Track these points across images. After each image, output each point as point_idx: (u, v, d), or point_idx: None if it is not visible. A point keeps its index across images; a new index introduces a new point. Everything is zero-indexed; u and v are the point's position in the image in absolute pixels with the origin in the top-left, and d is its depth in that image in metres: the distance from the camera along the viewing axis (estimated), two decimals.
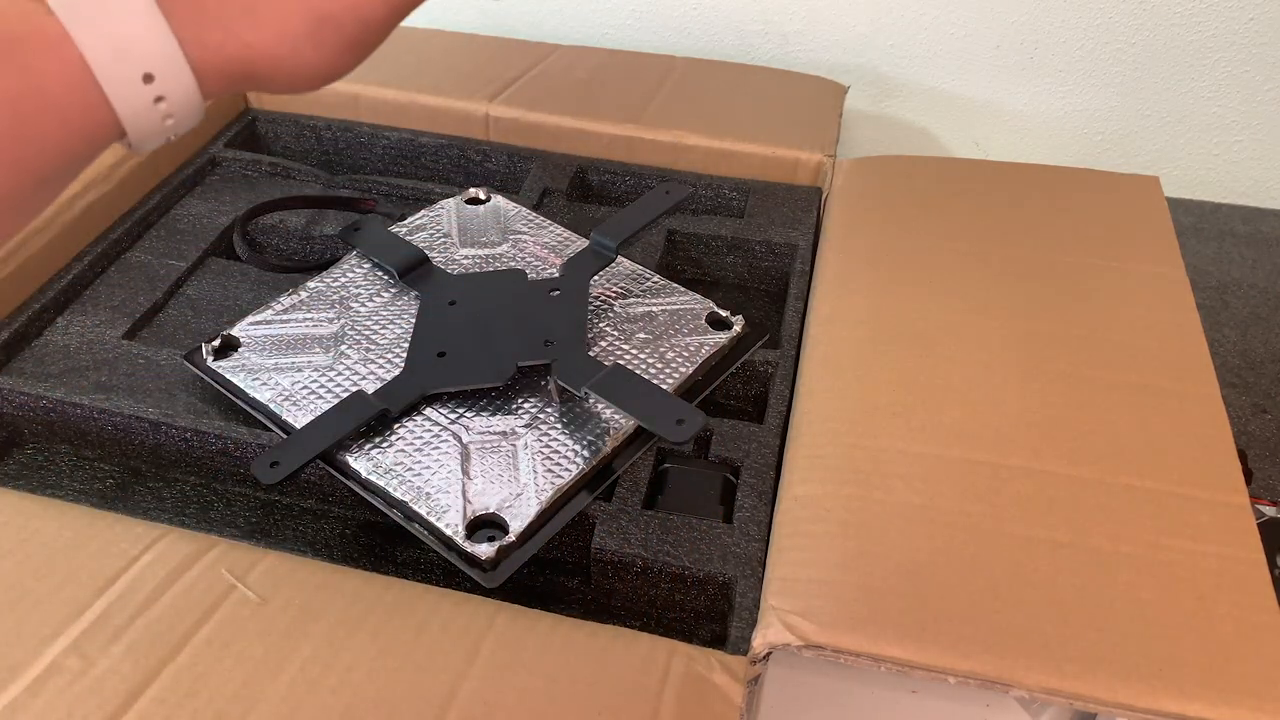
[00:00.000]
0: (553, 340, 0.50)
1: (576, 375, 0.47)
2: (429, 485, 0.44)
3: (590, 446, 0.46)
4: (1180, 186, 0.85)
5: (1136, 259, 0.58)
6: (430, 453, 0.46)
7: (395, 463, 0.45)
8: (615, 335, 0.52)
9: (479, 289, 0.55)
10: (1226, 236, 0.79)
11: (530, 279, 0.55)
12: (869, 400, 0.48)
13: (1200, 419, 0.47)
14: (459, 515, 0.43)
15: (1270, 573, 0.40)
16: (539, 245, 0.59)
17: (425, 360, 0.50)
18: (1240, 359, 0.67)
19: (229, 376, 0.50)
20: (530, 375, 0.50)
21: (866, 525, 0.42)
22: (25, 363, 0.52)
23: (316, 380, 0.50)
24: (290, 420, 0.48)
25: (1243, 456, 0.46)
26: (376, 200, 0.66)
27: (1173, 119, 0.83)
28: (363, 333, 0.53)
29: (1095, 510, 0.43)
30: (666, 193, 0.59)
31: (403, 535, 0.44)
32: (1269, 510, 0.53)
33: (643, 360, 0.51)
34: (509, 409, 0.48)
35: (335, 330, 0.53)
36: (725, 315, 0.54)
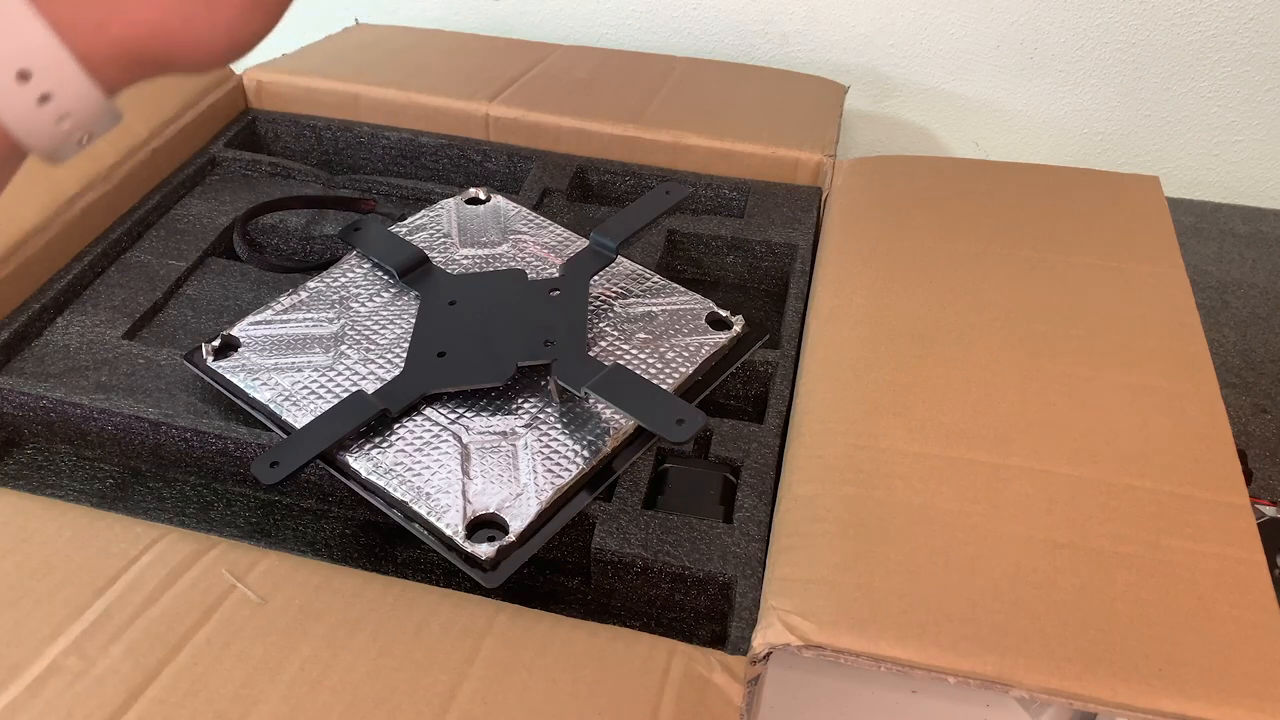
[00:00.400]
0: (553, 340, 0.50)
1: (576, 375, 0.47)
2: (429, 485, 0.44)
3: (590, 446, 0.46)
4: (1180, 186, 0.85)
5: (1136, 259, 0.58)
6: (430, 453, 0.46)
7: (395, 463, 0.45)
8: (615, 335, 0.52)
9: (479, 289, 0.55)
10: (1226, 236, 0.79)
11: (530, 279, 0.55)
12: (869, 400, 0.48)
13: (1200, 419, 0.47)
14: (459, 515, 0.43)
15: (1270, 573, 0.40)
16: (539, 245, 0.59)
17: (425, 360, 0.50)
18: (1240, 359, 0.67)
19: (229, 376, 0.50)
20: (530, 375, 0.50)
21: (866, 525, 0.42)
22: (25, 363, 0.52)
23: (316, 380, 0.50)
24: (290, 420, 0.48)
25: (1243, 456, 0.46)
26: (376, 200, 0.66)
27: (1173, 119, 0.83)
28: (363, 333, 0.53)
29: (1095, 510, 0.43)
30: (666, 193, 0.59)
31: (403, 535, 0.44)
32: (1269, 510, 0.53)
33: (643, 360, 0.51)
34: (509, 409, 0.48)
35: (335, 330, 0.53)
36: (725, 315, 0.54)
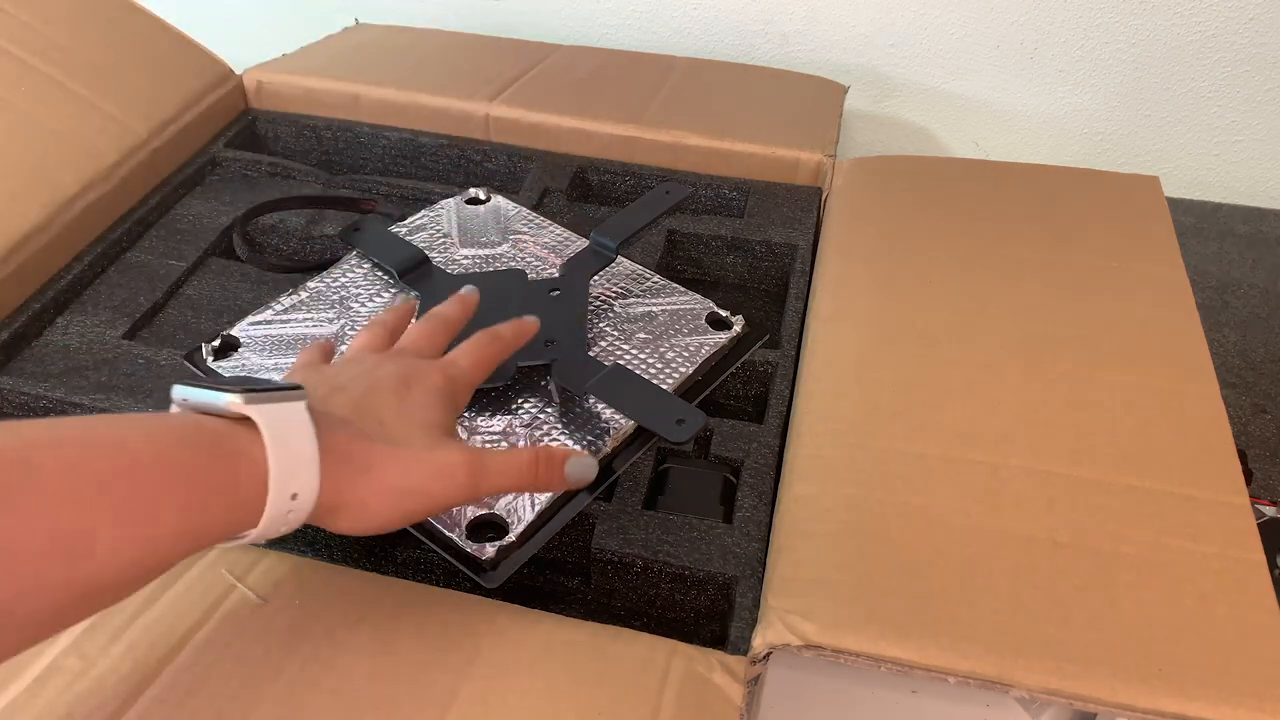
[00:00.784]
0: (553, 340, 0.50)
1: (576, 375, 0.47)
2: None
3: (590, 446, 0.46)
4: (1180, 186, 0.85)
5: (1136, 259, 0.58)
6: None
7: None
8: (615, 335, 0.52)
9: (479, 289, 0.55)
10: (1226, 236, 0.79)
11: (530, 279, 0.55)
12: (869, 400, 0.48)
13: (1200, 419, 0.47)
14: (459, 516, 0.43)
15: (1270, 573, 0.40)
16: (539, 245, 0.59)
17: None
18: (1240, 359, 0.67)
19: (229, 377, 0.50)
20: (530, 375, 0.50)
21: (866, 525, 0.42)
22: (25, 363, 0.52)
23: None
24: None
25: (1243, 456, 0.46)
26: (376, 200, 0.66)
27: (1173, 119, 0.83)
28: None
29: (1095, 510, 0.43)
30: (666, 193, 0.59)
31: (403, 535, 0.44)
32: (1269, 510, 0.53)
33: (643, 360, 0.51)
34: (509, 409, 0.48)
35: (335, 330, 0.53)
36: (725, 315, 0.54)
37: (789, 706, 0.46)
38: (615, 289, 0.56)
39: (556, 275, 0.56)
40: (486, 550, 0.42)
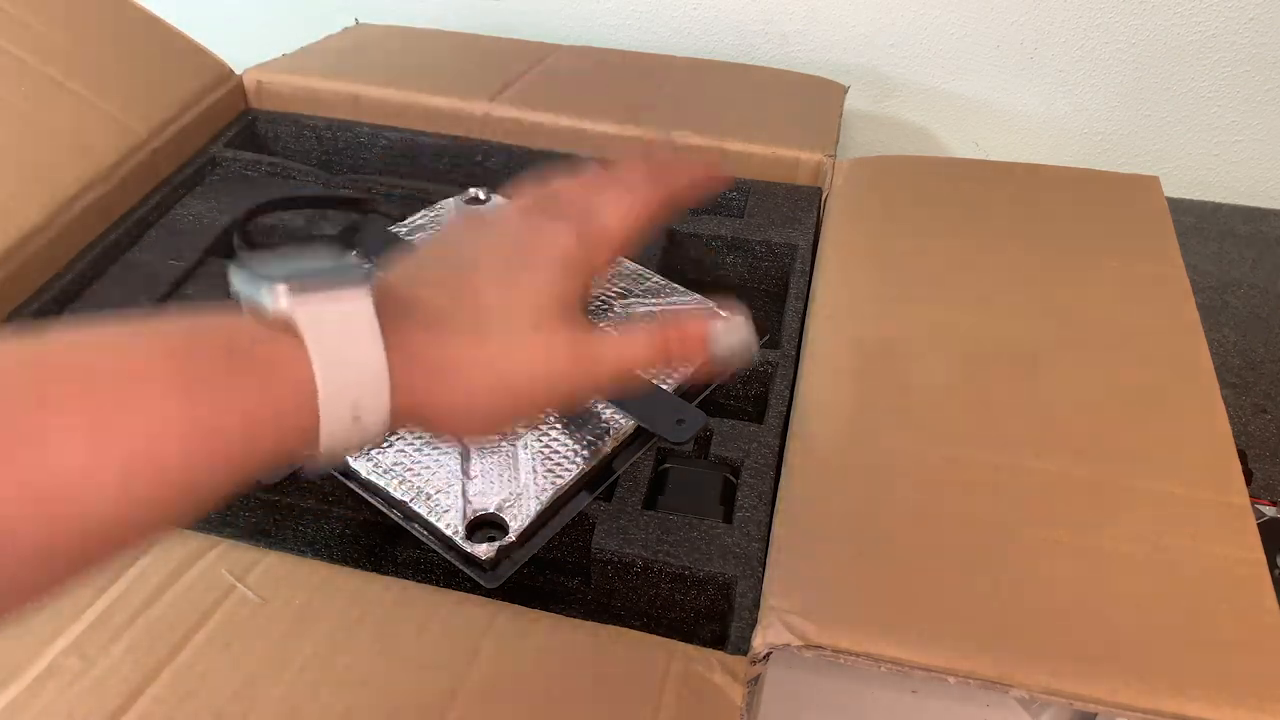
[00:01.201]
0: None
1: None
2: (429, 485, 0.44)
3: (590, 446, 0.46)
4: (1180, 186, 0.85)
5: (1136, 259, 0.58)
6: (430, 453, 0.46)
7: (395, 463, 0.45)
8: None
9: None
10: (1226, 236, 0.79)
11: None
12: (869, 400, 0.48)
13: (1200, 419, 0.47)
14: (459, 515, 0.43)
15: (1270, 573, 0.40)
16: None
17: None
18: (1240, 359, 0.67)
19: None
20: None
21: (866, 525, 0.42)
22: None
23: None
24: None
25: (1243, 456, 0.46)
26: (376, 200, 0.66)
27: (1173, 119, 0.83)
28: None
29: (1095, 510, 0.43)
30: None
31: (403, 535, 0.44)
32: (1269, 510, 0.53)
33: None
34: None
35: None
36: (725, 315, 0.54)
37: (789, 706, 0.46)
38: (615, 289, 0.56)
39: None
40: (486, 550, 0.42)
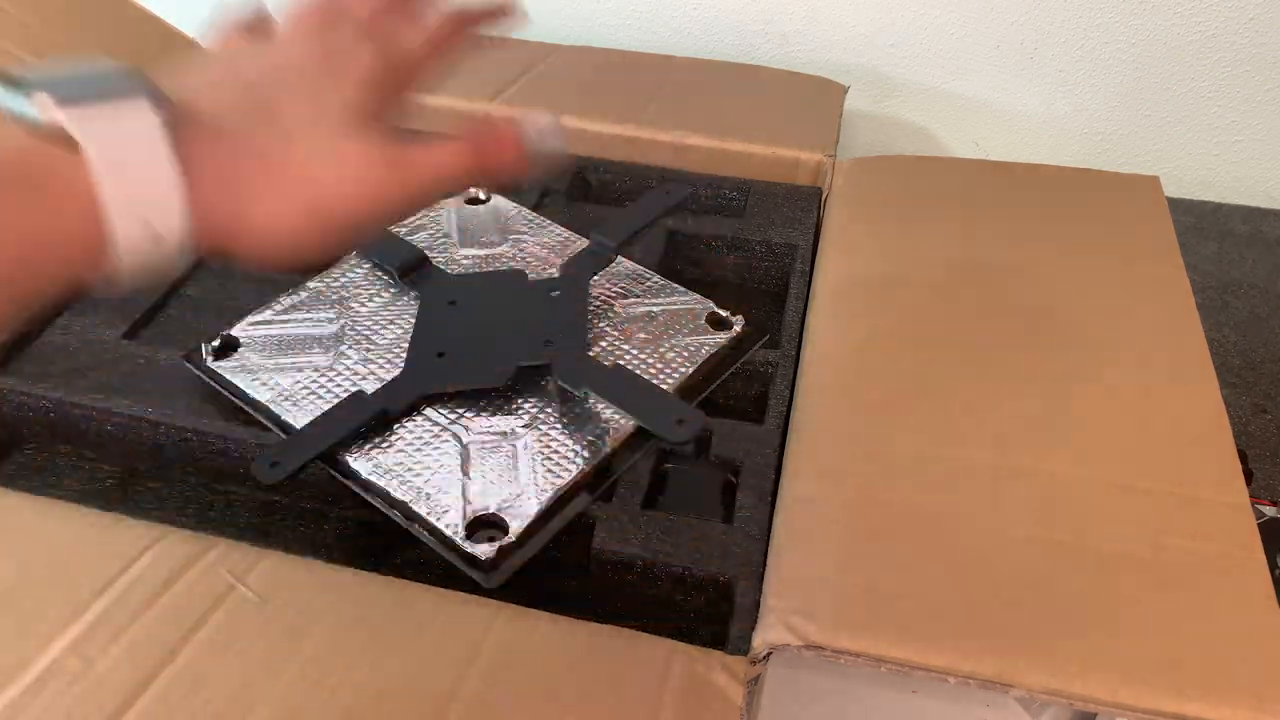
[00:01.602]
0: (553, 340, 0.50)
1: (576, 375, 0.47)
2: (429, 485, 0.44)
3: (590, 446, 0.46)
4: (1180, 186, 0.85)
5: (1136, 259, 0.58)
6: (430, 453, 0.46)
7: (395, 463, 0.45)
8: (615, 335, 0.52)
9: (479, 289, 0.55)
10: (1226, 236, 0.79)
11: (530, 279, 0.55)
12: (869, 400, 0.48)
13: (1200, 419, 0.47)
14: (459, 515, 0.43)
15: (1270, 573, 0.40)
16: (539, 245, 0.59)
17: (425, 360, 0.50)
18: (1240, 359, 0.67)
19: (229, 377, 0.50)
20: (530, 375, 0.50)
21: (866, 525, 0.42)
22: (25, 363, 0.52)
23: (316, 380, 0.50)
24: (290, 420, 0.48)
25: (1243, 456, 0.46)
26: None
27: (1173, 119, 0.83)
28: (362, 333, 0.53)
29: (1095, 510, 0.43)
30: (666, 193, 0.59)
31: (403, 535, 0.44)
32: (1269, 510, 0.53)
33: (643, 360, 0.51)
34: (509, 409, 0.48)
35: (335, 330, 0.53)
36: (725, 315, 0.54)
37: (789, 706, 0.46)
38: (615, 289, 0.56)
39: (556, 275, 0.56)
40: (486, 550, 0.42)
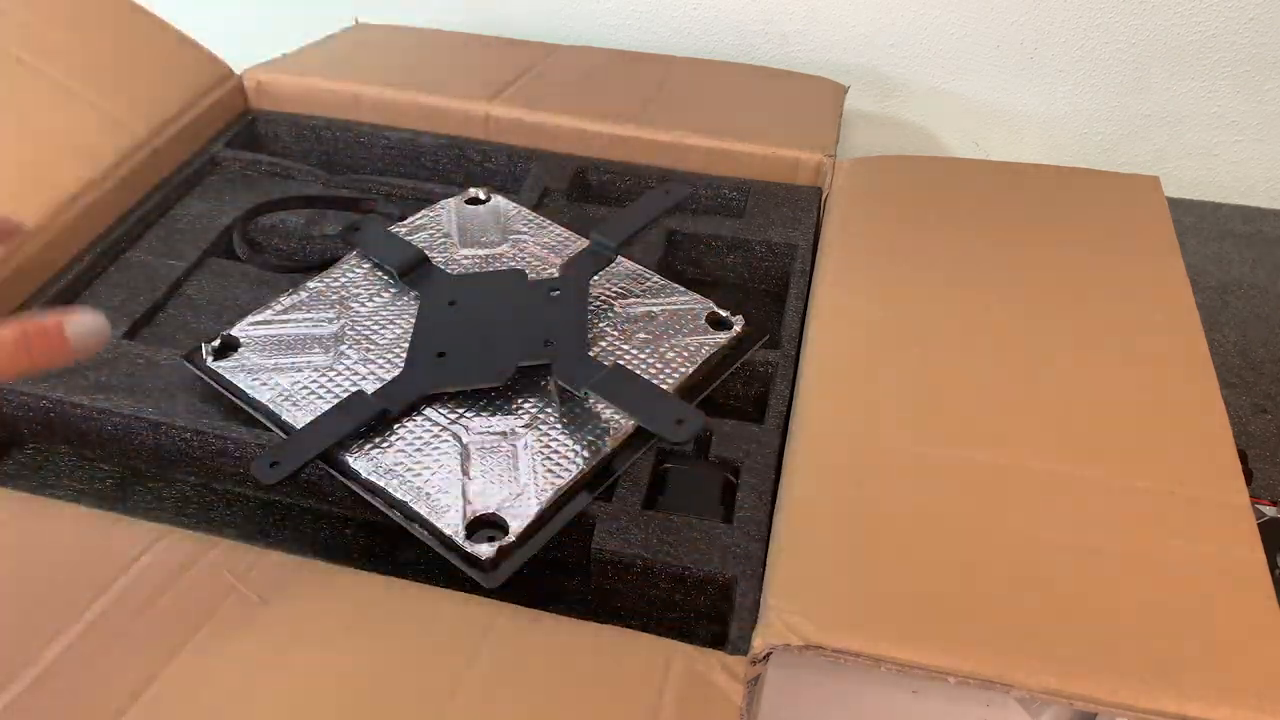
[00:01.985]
0: (553, 340, 0.50)
1: (576, 375, 0.47)
2: (429, 485, 0.44)
3: (590, 446, 0.46)
4: (1180, 186, 0.85)
5: (1136, 259, 0.58)
6: (430, 453, 0.46)
7: (395, 463, 0.45)
8: (615, 335, 0.52)
9: (479, 289, 0.55)
10: (1226, 236, 0.79)
11: (530, 279, 0.55)
12: (869, 400, 0.48)
13: (1200, 419, 0.47)
14: (459, 515, 0.43)
15: (1270, 573, 0.40)
16: (539, 245, 0.59)
17: (425, 360, 0.50)
18: (1240, 359, 0.67)
19: (229, 377, 0.50)
20: (530, 375, 0.50)
21: (866, 525, 0.42)
22: None
23: (316, 380, 0.50)
24: (290, 420, 0.48)
25: (1243, 456, 0.46)
26: (376, 200, 0.66)
27: (1173, 119, 0.83)
28: (363, 333, 0.53)
29: (1095, 510, 0.43)
30: (666, 193, 0.59)
31: (403, 535, 0.44)
32: (1269, 510, 0.53)
33: (643, 360, 0.51)
34: (509, 409, 0.48)
35: (335, 330, 0.53)
36: (725, 315, 0.54)
37: (789, 706, 0.46)
38: (615, 289, 0.56)
39: (556, 275, 0.56)
40: (486, 550, 0.42)
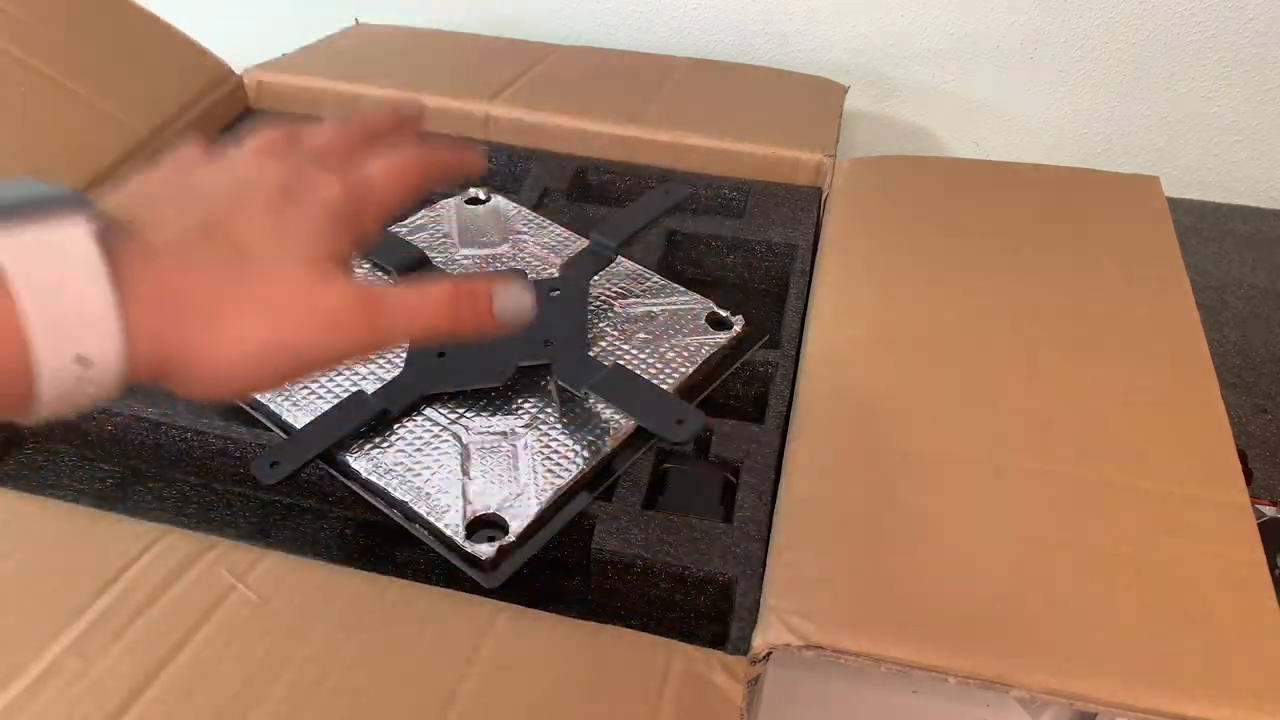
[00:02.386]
0: (553, 340, 0.50)
1: (576, 375, 0.47)
2: (429, 485, 0.44)
3: (590, 446, 0.46)
4: (1180, 186, 0.85)
5: (1136, 259, 0.58)
6: (430, 453, 0.46)
7: (395, 463, 0.45)
8: (615, 335, 0.52)
9: None
10: (1226, 236, 0.79)
11: (530, 279, 0.55)
12: (869, 400, 0.48)
13: (1200, 419, 0.47)
14: (459, 515, 0.43)
15: (1270, 573, 0.40)
16: (539, 245, 0.59)
17: (425, 360, 0.50)
18: (1240, 359, 0.67)
19: None
20: (530, 375, 0.50)
21: (866, 525, 0.42)
22: None
23: (316, 380, 0.50)
24: (290, 420, 0.48)
25: (1243, 456, 0.46)
26: None
27: (1173, 119, 0.83)
28: None
29: (1095, 510, 0.43)
30: (666, 193, 0.59)
31: (403, 535, 0.44)
32: (1269, 510, 0.53)
33: (643, 360, 0.51)
34: (509, 409, 0.48)
35: None
36: (725, 315, 0.54)
37: (789, 706, 0.46)
38: (615, 289, 0.56)
39: (556, 275, 0.56)
40: (486, 550, 0.42)
